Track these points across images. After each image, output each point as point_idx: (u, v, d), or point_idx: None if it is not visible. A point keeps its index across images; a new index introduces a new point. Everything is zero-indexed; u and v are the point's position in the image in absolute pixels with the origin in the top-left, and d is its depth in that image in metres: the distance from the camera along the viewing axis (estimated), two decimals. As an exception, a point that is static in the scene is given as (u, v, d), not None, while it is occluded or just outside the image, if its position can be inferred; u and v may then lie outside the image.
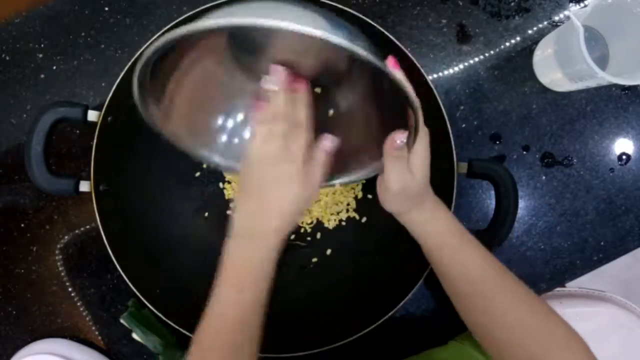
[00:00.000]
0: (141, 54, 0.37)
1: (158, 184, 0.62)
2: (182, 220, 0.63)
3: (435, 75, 0.65)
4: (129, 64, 0.55)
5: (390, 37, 0.56)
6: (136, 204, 0.60)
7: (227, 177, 0.63)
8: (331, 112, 0.49)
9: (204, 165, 0.64)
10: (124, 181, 0.60)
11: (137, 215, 0.60)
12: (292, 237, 0.63)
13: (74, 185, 0.55)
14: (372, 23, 0.56)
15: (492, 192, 0.62)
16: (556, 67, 0.59)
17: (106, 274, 0.63)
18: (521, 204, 0.63)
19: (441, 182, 0.56)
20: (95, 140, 0.55)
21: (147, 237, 0.60)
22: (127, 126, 0.59)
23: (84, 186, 0.55)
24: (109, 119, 0.55)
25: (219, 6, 0.56)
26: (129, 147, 0.60)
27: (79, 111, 0.55)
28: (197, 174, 0.64)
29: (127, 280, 0.54)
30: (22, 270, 0.64)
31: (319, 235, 0.63)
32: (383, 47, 0.57)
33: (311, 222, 0.63)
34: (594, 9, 0.51)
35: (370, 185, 0.64)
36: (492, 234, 0.54)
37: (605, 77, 0.50)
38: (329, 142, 0.45)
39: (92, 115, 0.55)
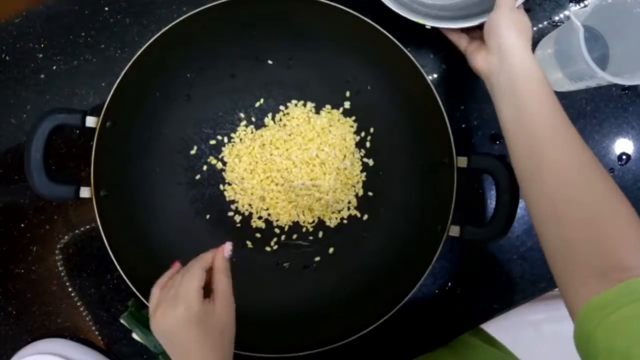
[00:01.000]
0: None
1: (158, 187, 0.62)
2: (182, 222, 0.63)
3: (435, 75, 0.65)
4: (129, 64, 0.55)
5: (390, 37, 0.56)
6: (137, 207, 0.61)
7: (227, 179, 0.64)
8: None
9: (204, 168, 0.64)
10: (125, 185, 0.60)
11: (137, 217, 0.60)
12: (295, 236, 0.63)
13: (74, 192, 0.55)
14: (372, 23, 0.56)
15: (493, 191, 0.62)
16: (556, 67, 0.59)
17: (106, 274, 0.63)
18: (521, 203, 0.63)
19: (441, 181, 0.56)
20: (94, 147, 0.55)
21: (147, 238, 0.60)
22: (126, 130, 0.59)
23: (85, 192, 0.55)
24: (108, 124, 0.56)
25: (218, 6, 0.57)
26: (129, 151, 0.60)
27: (77, 117, 0.55)
28: (197, 176, 0.64)
29: (127, 280, 0.54)
30: (22, 270, 0.64)
31: (321, 234, 0.63)
32: (383, 47, 0.57)
33: (313, 221, 0.63)
34: (594, 9, 0.51)
35: (370, 182, 0.64)
36: (492, 228, 0.54)
37: (605, 77, 0.50)
38: (228, 252, 0.48)
39: (91, 121, 0.55)
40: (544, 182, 0.43)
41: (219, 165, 0.64)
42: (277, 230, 0.63)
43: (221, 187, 0.64)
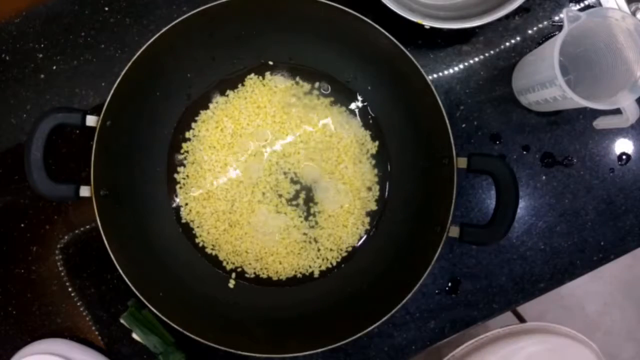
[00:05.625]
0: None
1: (158, 186, 0.62)
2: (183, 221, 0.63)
3: (435, 75, 0.65)
4: (129, 64, 0.55)
5: (390, 37, 0.56)
6: (137, 206, 0.60)
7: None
8: None
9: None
10: (125, 184, 0.60)
11: (137, 217, 0.60)
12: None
13: (74, 191, 0.55)
14: (372, 23, 0.56)
15: (492, 192, 0.62)
16: (530, 89, 0.59)
17: (106, 274, 0.63)
18: (521, 204, 0.63)
19: (441, 182, 0.56)
20: (94, 146, 0.55)
21: (147, 238, 0.60)
22: (127, 129, 0.59)
23: (85, 191, 0.55)
24: (108, 123, 0.55)
25: (218, 6, 0.57)
26: (129, 150, 0.60)
27: (77, 117, 0.55)
28: (197, 174, 0.64)
29: (127, 280, 0.54)
30: (22, 270, 0.64)
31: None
32: (383, 47, 0.57)
33: (311, 222, 0.63)
34: (564, 41, 0.51)
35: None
36: (492, 229, 0.54)
37: (574, 99, 0.50)
38: None
39: (91, 120, 0.55)
40: None
41: (219, 165, 0.64)
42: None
43: (221, 187, 0.63)
